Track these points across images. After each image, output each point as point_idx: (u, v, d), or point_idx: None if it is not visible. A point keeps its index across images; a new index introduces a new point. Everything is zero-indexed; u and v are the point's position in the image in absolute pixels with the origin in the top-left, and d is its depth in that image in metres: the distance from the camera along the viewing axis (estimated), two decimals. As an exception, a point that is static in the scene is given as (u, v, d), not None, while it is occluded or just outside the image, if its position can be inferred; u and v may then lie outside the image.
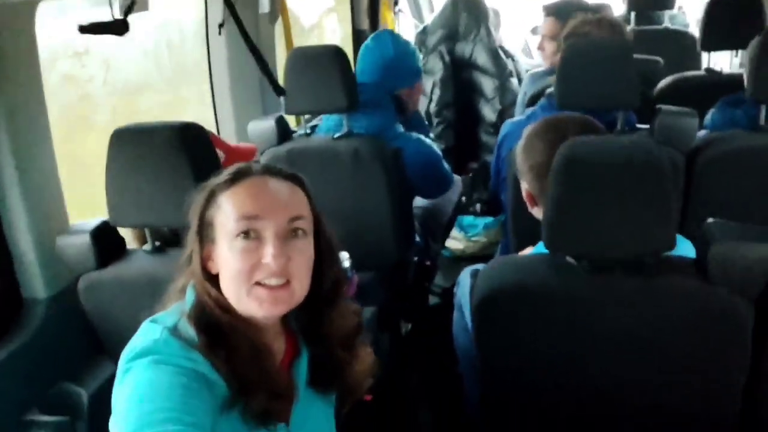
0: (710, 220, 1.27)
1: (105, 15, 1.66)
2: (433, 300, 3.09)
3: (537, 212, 1.61)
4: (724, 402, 1.30)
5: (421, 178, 2.40)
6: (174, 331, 1.01)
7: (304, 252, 1.05)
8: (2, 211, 1.54)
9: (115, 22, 1.46)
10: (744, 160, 1.95)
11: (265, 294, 1.02)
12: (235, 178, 1.06)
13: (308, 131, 2.34)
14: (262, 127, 2.30)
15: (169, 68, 2.43)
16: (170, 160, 1.42)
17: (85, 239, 1.54)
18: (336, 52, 2.20)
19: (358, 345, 1.18)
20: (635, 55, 2.06)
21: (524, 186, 1.60)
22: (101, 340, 1.64)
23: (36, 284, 1.61)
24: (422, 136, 2.47)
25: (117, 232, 1.59)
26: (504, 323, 1.37)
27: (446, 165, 2.56)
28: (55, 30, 1.50)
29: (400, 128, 2.45)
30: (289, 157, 2.26)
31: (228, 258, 1.02)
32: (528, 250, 1.76)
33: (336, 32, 4.11)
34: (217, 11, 2.28)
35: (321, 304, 1.12)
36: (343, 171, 2.25)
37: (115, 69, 2.09)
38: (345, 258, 1.87)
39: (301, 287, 1.05)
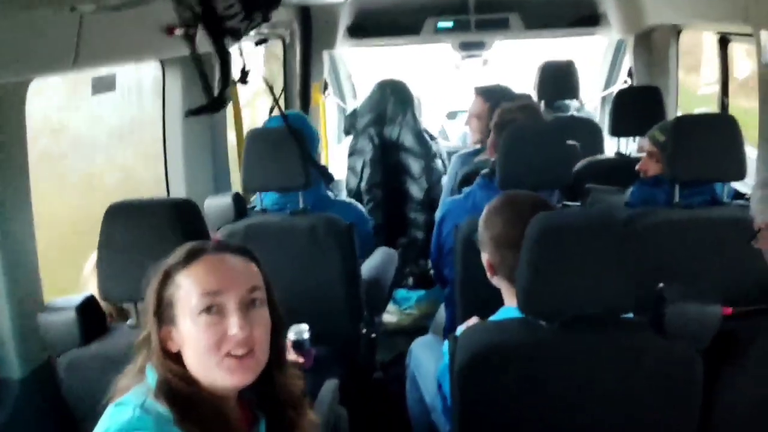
0: (661, 284, 1.46)
1: (85, 94, 1.72)
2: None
3: (497, 281, 1.76)
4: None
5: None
6: (144, 409, 1.04)
7: (263, 321, 1.13)
8: (-20, 287, 1.52)
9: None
10: (665, 232, 2.20)
11: (235, 364, 1.08)
12: (191, 257, 1.12)
13: (264, 208, 2.42)
14: (219, 203, 2.36)
15: (130, 146, 2.47)
16: (164, 235, 1.47)
17: (70, 315, 1.53)
18: (293, 133, 2.31)
19: (305, 405, 1.26)
20: None
21: (485, 257, 1.76)
22: (76, 420, 1.61)
23: (11, 363, 1.57)
24: (358, 205, 2.64)
25: (100, 308, 1.60)
26: (487, 382, 1.49)
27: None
28: (33, 107, 1.54)
29: (331, 195, 2.62)
30: (246, 233, 2.32)
31: (193, 334, 1.08)
32: (473, 320, 1.90)
33: (265, 112, 4.23)
34: (175, 88, 2.36)
35: (272, 369, 1.18)
36: (300, 247, 2.33)
37: (85, 147, 2.11)
38: (305, 330, 1.92)
39: (263, 354, 1.12)
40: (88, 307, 1.57)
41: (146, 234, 1.47)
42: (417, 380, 2.31)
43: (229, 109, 2.74)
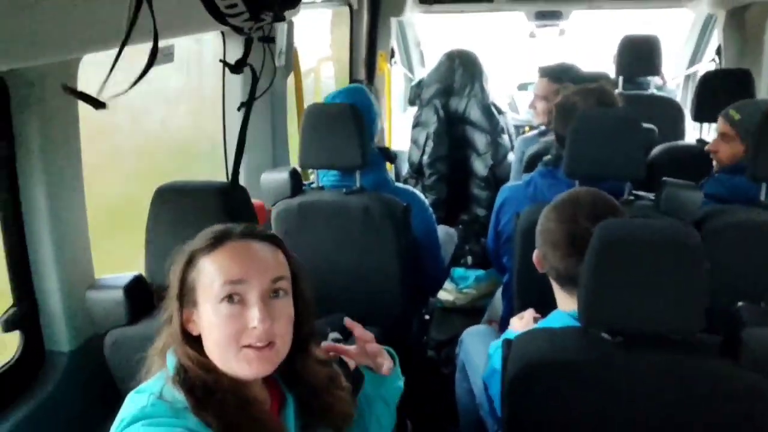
0: (740, 303, 1.33)
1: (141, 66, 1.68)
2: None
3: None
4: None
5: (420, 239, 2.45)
6: (160, 396, 1.03)
7: (286, 312, 1.09)
8: (33, 262, 1.53)
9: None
10: (745, 233, 2.03)
11: (254, 355, 1.05)
12: (216, 242, 1.09)
13: (321, 185, 2.37)
14: (276, 178, 2.32)
15: (185, 119, 2.45)
16: (211, 221, 1.43)
17: (118, 294, 1.53)
18: (353, 111, 2.24)
19: (337, 387, 1.22)
20: None
21: (537, 250, 1.67)
22: (121, 396, 1.62)
23: (60, 337, 1.59)
24: (418, 193, 2.55)
25: (148, 288, 1.59)
26: (538, 396, 1.40)
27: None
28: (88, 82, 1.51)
29: (393, 181, 2.53)
30: (300, 210, 2.28)
31: (213, 322, 1.06)
32: (529, 313, 1.81)
33: (331, 79, 4.17)
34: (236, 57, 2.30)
35: (295, 352, 1.15)
36: (353, 227, 2.28)
37: (140, 119, 2.10)
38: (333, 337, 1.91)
39: (284, 346, 1.09)
40: (135, 286, 1.56)
41: (193, 217, 1.44)
42: (467, 371, 2.25)
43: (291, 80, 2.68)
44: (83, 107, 1.59)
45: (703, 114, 2.80)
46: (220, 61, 1.85)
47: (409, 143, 3.86)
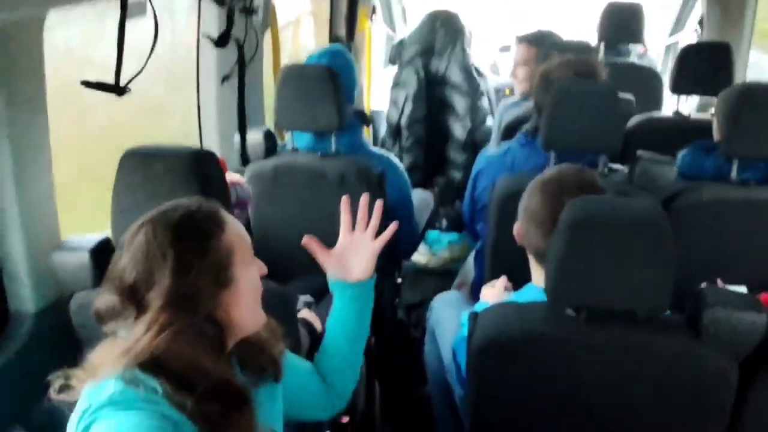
0: (704, 284, 1.36)
1: (111, 26, 1.62)
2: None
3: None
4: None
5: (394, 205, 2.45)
6: (127, 384, 0.99)
7: None
8: (-2, 222, 1.50)
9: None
10: (716, 210, 2.05)
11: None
12: (221, 222, 1.09)
13: (295, 147, 2.34)
14: (250, 139, 2.29)
15: (156, 75, 2.38)
16: (181, 186, 1.40)
17: (84, 257, 1.51)
18: (329, 72, 2.21)
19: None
20: None
21: (517, 223, 1.68)
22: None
23: (25, 298, 1.56)
24: (393, 158, 2.54)
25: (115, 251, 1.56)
26: (502, 368, 1.43)
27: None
28: (55, 37, 1.46)
29: (370, 145, 2.50)
30: (275, 172, 2.26)
31: (255, 284, 1.12)
32: (501, 281, 1.83)
33: (310, 34, 4.08)
34: (212, 22, 2.25)
35: None
36: (328, 191, 2.26)
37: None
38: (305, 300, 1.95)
39: None
40: (102, 249, 1.54)
41: (162, 182, 1.41)
42: (435, 336, 2.27)
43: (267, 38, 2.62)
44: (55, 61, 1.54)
45: (681, 86, 2.80)
46: (207, 37, 1.78)
47: (388, 103, 3.82)
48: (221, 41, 1.52)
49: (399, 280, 2.93)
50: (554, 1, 4.42)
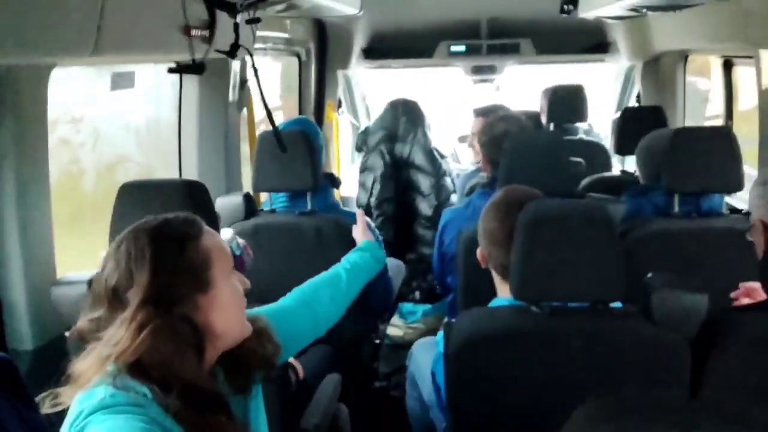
0: (650, 274, 1.51)
1: (104, 88, 1.81)
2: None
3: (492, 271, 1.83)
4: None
5: None
6: (117, 389, 1.03)
7: None
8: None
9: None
10: (662, 242, 2.24)
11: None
12: (200, 226, 1.18)
13: (273, 208, 2.50)
14: (230, 202, 2.44)
15: (147, 143, 2.57)
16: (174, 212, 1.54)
17: (82, 288, 1.60)
18: (303, 136, 2.41)
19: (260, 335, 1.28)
20: None
21: (479, 248, 1.83)
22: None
23: (24, 335, 1.63)
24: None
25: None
26: (479, 366, 1.53)
27: None
28: (55, 96, 1.64)
29: (340, 204, 2.68)
30: (256, 231, 2.40)
31: (237, 292, 1.18)
32: None
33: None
34: (192, 91, 2.46)
35: None
36: (306, 247, 2.40)
37: (102, 139, 2.21)
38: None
39: None
40: (99, 281, 1.63)
41: (157, 212, 1.53)
42: (416, 380, 2.34)
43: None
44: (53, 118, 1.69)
45: (623, 147, 3.07)
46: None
47: (357, 189, 4.03)
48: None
49: (377, 341, 3.01)
50: (507, 93, 4.80)
